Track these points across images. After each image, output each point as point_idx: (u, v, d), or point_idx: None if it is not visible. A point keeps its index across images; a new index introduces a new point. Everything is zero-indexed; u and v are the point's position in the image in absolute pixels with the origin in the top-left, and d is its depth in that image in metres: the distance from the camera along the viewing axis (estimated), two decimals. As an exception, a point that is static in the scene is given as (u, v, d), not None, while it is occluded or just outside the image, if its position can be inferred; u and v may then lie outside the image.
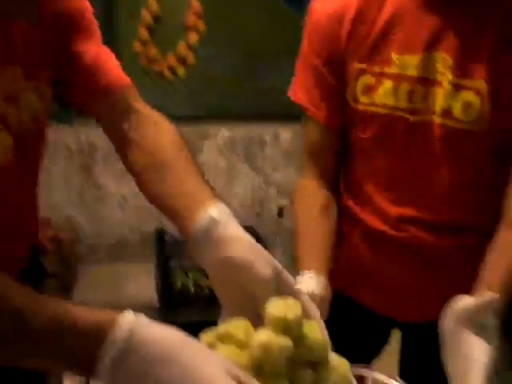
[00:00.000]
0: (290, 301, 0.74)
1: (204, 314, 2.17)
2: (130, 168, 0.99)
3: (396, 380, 0.77)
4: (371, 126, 1.12)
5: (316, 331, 0.74)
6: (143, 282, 2.51)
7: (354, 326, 1.23)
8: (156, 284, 2.50)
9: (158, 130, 1.00)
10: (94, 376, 0.63)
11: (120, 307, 0.67)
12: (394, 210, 1.15)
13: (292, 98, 1.21)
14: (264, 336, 0.70)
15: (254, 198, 2.95)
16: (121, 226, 2.89)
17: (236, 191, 2.92)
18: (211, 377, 0.61)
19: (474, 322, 0.75)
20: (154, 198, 0.94)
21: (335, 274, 1.08)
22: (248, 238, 0.83)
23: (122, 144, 1.00)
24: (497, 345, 0.74)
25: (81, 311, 0.65)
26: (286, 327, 0.70)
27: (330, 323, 0.93)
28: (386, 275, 1.11)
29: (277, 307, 0.72)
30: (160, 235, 2.58)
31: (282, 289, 0.80)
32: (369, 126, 1.12)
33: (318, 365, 0.73)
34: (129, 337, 0.63)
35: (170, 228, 2.75)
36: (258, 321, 0.74)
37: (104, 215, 2.88)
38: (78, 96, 1.05)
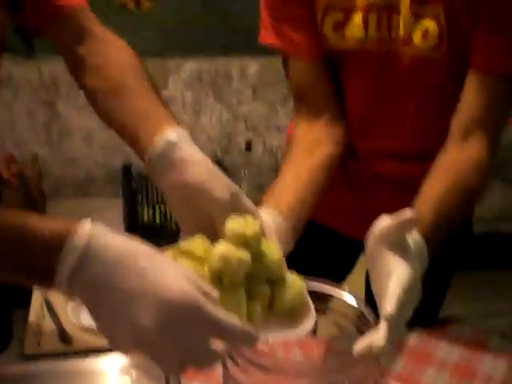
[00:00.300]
0: (249, 219, 0.76)
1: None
2: (87, 93, 0.97)
3: (346, 291, 0.78)
4: (343, 61, 1.11)
5: (274, 250, 0.76)
6: (110, 217, 2.51)
7: (322, 249, 1.25)
8: (123, 219, 2.51)
9: (116, 55, 0.97)
10: (53, 286, 0.63)
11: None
12: (365, 144, 1.16)
13: (265, 42, 1.14)
14: (223, 248, 0.72)
15: (221, 132, 2.94)
16: (87, 162, 2.87)
17: (203, 125, 2.90)
18: (171, 282, 0.62)
19: (391, 240, 0.75)
20: (112, 123, 0.92)
21: None
22: (206, 160, 0.83)
23: (78, 69, 0.97)
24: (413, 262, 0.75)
25: (38, 221, 0.64)
26: (245, 243, 0.72)
27: (299, 246, 0.95)
28: (357, 203, 1.11)
29: (236, 223, 0.74)
30: (127, 170, 2.56)
31: (240, 209, 0.80)
32: (340, 61, 1.11)
33: (274, 282, 0.75)
34: (87, 244, 0.62)
35: (137, 163, 2.74)
36: (215, 241, 0.75)
37: (70, 151, 2.85)
38: (29, 19, 1.00)
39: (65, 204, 2.84)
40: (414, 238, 0.78)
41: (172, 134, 0.84)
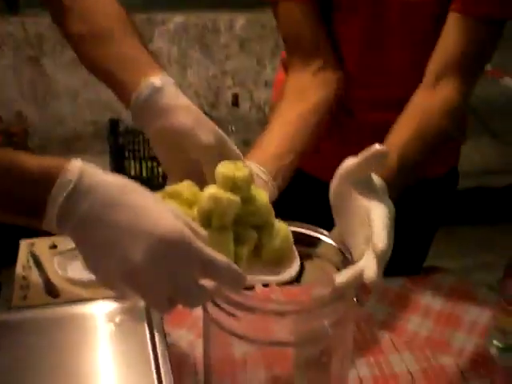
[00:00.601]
0: (240, 163, 0.75)
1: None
2: (72, 39, 0.95)
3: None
4: (335, 3, 1.09)
5: (262, 195, 0.76)
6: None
7: (308, 197, 1.24)
8: (111, 175, 2.49)
9: (102, 2, 0.94)
10: (43, 223, 0.62)
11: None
12: (352, 93, 1.15)
13: None
14: (214, 189, 0.72)
15: (208, 87, 2.91)
16: (73, 119, 2.84)
17: (190, 80, 2.87)
18: (161, 218, 0.62)
19: (357, 180, 0.75)
20: (95, 68, 0.91)
21: None
22: (192, 106, 0.82)
23: (64, 15, 0.94)
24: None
25: (28, 158, 0.64)
26: (235, 186, 0.72)
27: (286, 195, 0.95)
28: (342, 152, 1.09)
29: (226, 168, 0.74)
30: (114, 125, 2.54)
31: (227, 157, 0.80)
32: (332, 4, 1.09)
33: (262, 228, 0.75)
34: (77, 180, 0.62)
35: (124, 118, 2.72)
36: (202, 188, 0.75)
37: (56, 108, 2.82)
38: None
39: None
40: (377, 181, 0.77)
41: (157, 79, 0.82)
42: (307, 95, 1.06)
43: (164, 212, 0.63)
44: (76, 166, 0.63)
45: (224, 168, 0.74)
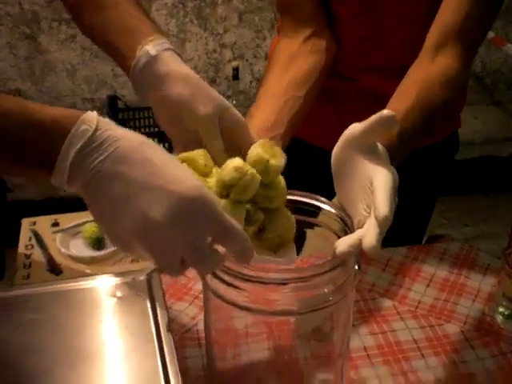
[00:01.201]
0: (278, 150, 0.72)
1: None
2: (71, 7, 0.93)
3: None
4: None
5: (282, 183, 0.73)
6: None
7: (308, 167, 1.23)
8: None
9: None
10: (52, 178, 0.60)
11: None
12: (351, 59, 1.13)
13: None
14: (240, 162, 0.69)
15: (207, 61, 2.88)
16: (71, 96, 2.82)
17: (188, 55, 2.84)
18: (182, 177, 0.59)
19: (361, 144, 0.73)
20: (95, 37, 0.88)
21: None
22: (190, 74, 0.79)
23: None
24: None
25: (40, 107, 0.60)
26: (264, 171, 0.70)
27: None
28: (341, 119, 1.08)
29: (264, 149, 0.71)
30: (112, 101, 2.52)
31: (229, 126, 0.78)
32: None
33: (270, 212, 0.73)
34: (93, 131, 0.58)
35: (123, 94, 2.70)
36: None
37: (53, 85, 2.80)
38: None
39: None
40: (380, 149, 0.76)
41: (152, 47, 0.80)
42: (296, 63, 1.04)
43: (184, 170, 0.61)
44: (92, 117, 0.60)
45: (261, 148, 0.71)
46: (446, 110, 0.97)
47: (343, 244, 0.66)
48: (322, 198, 0.76)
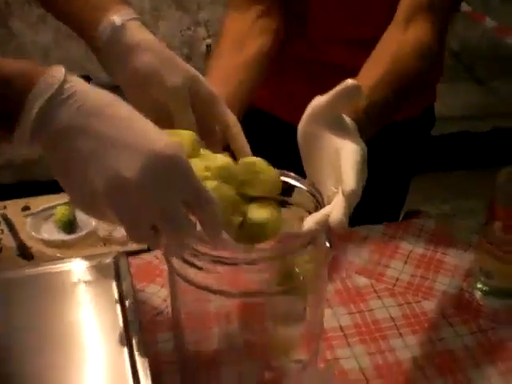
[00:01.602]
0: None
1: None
2: None
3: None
4: None
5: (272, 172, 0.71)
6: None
7: (279, 142, 1.21)
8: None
9: None
10: (14, 135, 0.55)
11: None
12: (322, 32, 1.10)
13: None
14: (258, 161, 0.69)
15: (182, 39, 2.85)
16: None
17: (163, 33, 2.79)
18: (157, 136, 0.56)
19: (326, 117, 0.70)
20: (59, 12, 0.84)
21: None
22: (156, 44, 0.75)
23: None
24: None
25: (4, 60, 0.56)
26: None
27: (256, 141, 0.90)
28: (314, 94, 1.05)
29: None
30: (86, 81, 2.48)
31: (201, 99, 0.75)
32: None
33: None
34: (61, 84, 0.54)
35: (96, 74, 2.65)
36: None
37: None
38: None
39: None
40: (347, 121, 0.73)
41: (119, 16, 0.76)
42: (246, 45, 1.00)
43: (159, 130, 0.57)
44: (59, 71, 0.55)
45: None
46: (418, 82, 0.95)
47: (309, 220, 0.64)
48: (296, 176, 0.73)
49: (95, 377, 0.69)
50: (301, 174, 0.75)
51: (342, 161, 0.65)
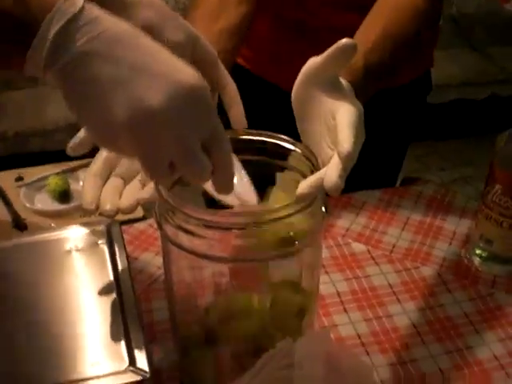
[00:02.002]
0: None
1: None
2: None
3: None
4: None
5: None
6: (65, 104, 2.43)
7: (273, 108, 1.18)
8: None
9: None
10: (29, 58, 0.51)
11: (44, 131, 0.57)
12: None
13: None
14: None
15: (175, 6, 2.81)
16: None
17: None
18: (182, 65, 0.53)
19: (321, 79, 0.67)
20: None
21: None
22: (159, 2, 0.73)
23: None
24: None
25: None
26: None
27: (250, 107, 0.88)
28: (294, 55, 1.02)
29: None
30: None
31: (200, 59, 0.72)
32: None
33: None
34: (81, 9, 0.50)
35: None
36: None
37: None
38: None
39: (17, 94, 2.75)
40: (343, 82, 0.70)
41: None
42: (226, 12, 0.97)
43: (185, 61, 0.54)
44: None
45: None
46: (414, 44, 0.93)
47: (304, 184, 0.62)
48: (291, 139, 0.71)
49: (89, 344, 0.68)
50: (295, 137, 0.73)
51: (337, 122, 0.63)
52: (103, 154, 0.72)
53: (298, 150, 0.70)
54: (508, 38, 3.27)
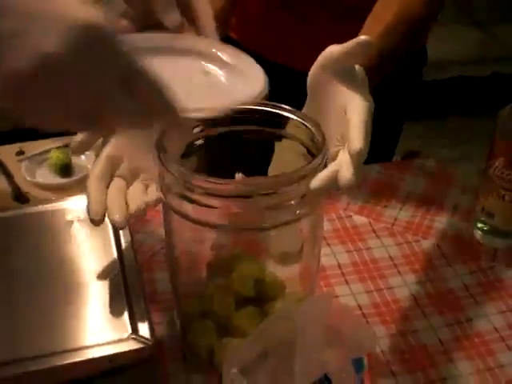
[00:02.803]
0: None
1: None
2: None
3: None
4: None
5: None
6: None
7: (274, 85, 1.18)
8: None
9: None
10: None
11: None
12: None
13: None
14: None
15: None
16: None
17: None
18: (80, 6, 0.49)
19: (338, 67, 0.68)
20: None
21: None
22: None
23: None
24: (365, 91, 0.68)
25: None
26: None
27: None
28: (303, 35, 1.02)
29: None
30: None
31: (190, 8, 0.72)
32: None
33: None
34: None
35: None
36: None
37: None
38: None
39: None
40: (359, 73, 0.71)
41: None
42: None
43: (82, 2, 0.51)
44: None
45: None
46: (423, 28, 0.93)
47: (317, 179, 0.61)
48: (289, 108, 0.71)
49: (92, 314, 0.68)
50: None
51: (349, 117, 0.63)
52: (105, 153, 0.71)
53: (295, 117, 0.70)
54: (511, 15, 3.24)
